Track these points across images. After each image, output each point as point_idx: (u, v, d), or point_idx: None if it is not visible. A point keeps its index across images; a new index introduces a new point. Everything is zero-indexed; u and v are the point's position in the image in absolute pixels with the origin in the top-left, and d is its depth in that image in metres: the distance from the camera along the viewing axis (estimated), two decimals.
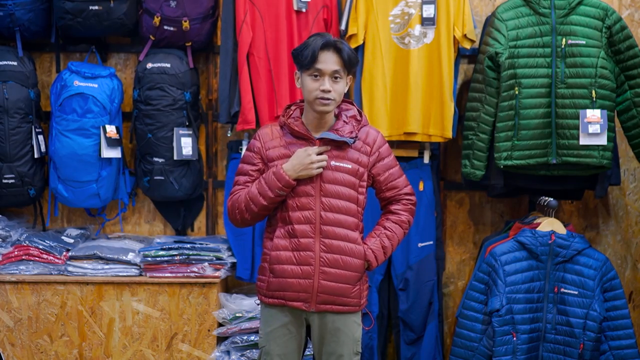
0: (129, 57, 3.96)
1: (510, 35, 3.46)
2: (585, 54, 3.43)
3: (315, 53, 2.66)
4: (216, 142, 3.98)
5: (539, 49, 3.45)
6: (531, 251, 3.38)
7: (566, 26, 3.43)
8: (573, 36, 3.42)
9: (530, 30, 3.46)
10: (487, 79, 3.50)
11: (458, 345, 3.45)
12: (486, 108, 3.52)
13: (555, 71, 3.44)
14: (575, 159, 3.46)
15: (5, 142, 3.64)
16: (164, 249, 3.62)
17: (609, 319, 3.39)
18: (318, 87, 2.67)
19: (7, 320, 3.61)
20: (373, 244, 2.80)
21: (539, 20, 3.46)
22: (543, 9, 3.45)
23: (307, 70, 2.69)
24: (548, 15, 3.44)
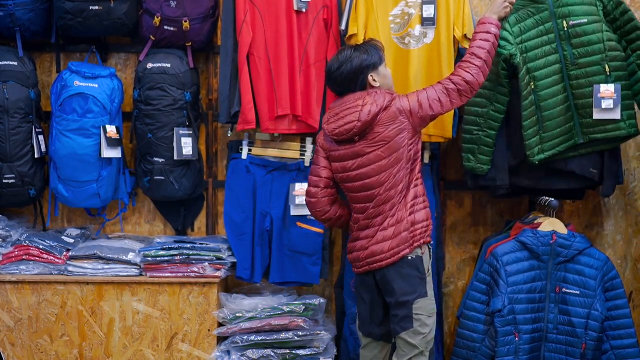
0: (129, 57, 3.96)
1: (515, 31, 3.44)
2: (589, 31, 3.40)
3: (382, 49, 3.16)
4: (216, 142, 3.98)
5: (543, 38, 3.44)
6: (533, 251, 3.38)
7: (564, 8, 3.41)
8: (573, 17, 3.41)
9: (532, 21, 3.44)
10: (499, 80, 3.46)
11: (460, 345, 3.45)
12: (496, 106, 3.49)
13: (564, 55, 3.43)
14: (603, 135, 3.47)
15: (6, 142, 3.64)
16: (164, 249, 3.62)
17: (611, 318, 3.39)
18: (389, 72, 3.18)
19: (7, 320, 3.60)
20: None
21: (537, 9, 3.44)
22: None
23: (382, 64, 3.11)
24: (544, 2, 3.43)
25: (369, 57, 3.07)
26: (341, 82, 3.09)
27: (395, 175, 3.03)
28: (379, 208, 3.05)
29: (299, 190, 3.71)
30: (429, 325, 3.05)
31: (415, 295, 3.02)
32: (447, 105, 3.07)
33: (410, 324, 3.01)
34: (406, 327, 3.02)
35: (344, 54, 3.10)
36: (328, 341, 3.67)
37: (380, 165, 3.03)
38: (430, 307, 3.07)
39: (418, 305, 3.02)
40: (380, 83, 3.09)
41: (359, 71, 3.05)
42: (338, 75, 3.08)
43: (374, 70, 3.08)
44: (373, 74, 3.07)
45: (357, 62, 3.06)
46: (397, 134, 3.02)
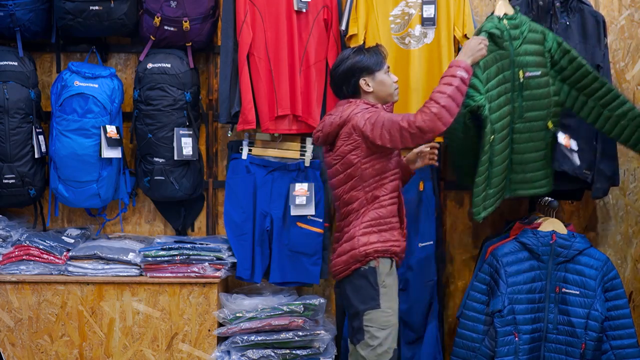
0: (129, 57, 3.96)
1: (483, 78, 3.15)
2: (542, 84, 3.30)
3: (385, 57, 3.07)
4: (216, 142, 3.98)
5: (502, 87, 3.22)
6: (533, 251, 3.38)
7: (522, 57, 3.23)
8: (530, 68, 3.25)
9: (495, 68, 3.21)
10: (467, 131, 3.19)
11: (459, 345, 3.45)
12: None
13: (514, 106, 3.27)
14: (527, 191, 3.41)
15: (6, 142, 3.64)
16: (165, 249, 3.62)
17: (610, 318, 3.39)
18: (392, 80, 3.08)
19: (7, 320, 3.61)
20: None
21: (500, 55, 3.21)
22: (504, 42, 3.20)
23: (381, 70, 3.03)
24: (507, 48, 3.20)
25: (365, 60, 3.01)
26: (336, 82, 3.07)
27: (348, 192, 2.99)
28: (341, 222, 3.07)
29: (299, 190, 3.71)
30: (378, 338, 2.94)
31: (365, 306, 2.96)
32: (396, 142, 2.87)
33: (362, 335, 2.95)
34: (359, 338, 2.97)
35: (343, 53, 3.11)
36: (328, 341, 3.67)
37: (339, 179, 3.02)
38: (383, 320, 2.96)
39: (368, 316, 2.95)
40: (374, 89, 3.03)
41: (351, 72, 3.01)
42: (334, 75, 3.08)
43: (368, 74, 3.01)
44: (367, 77, 3.01)
45: (351, 62, 3.01)
46: (350, 150, 2.94)
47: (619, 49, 3.95)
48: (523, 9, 3.63)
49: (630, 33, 3.95)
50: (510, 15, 3.14)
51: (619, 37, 3.94)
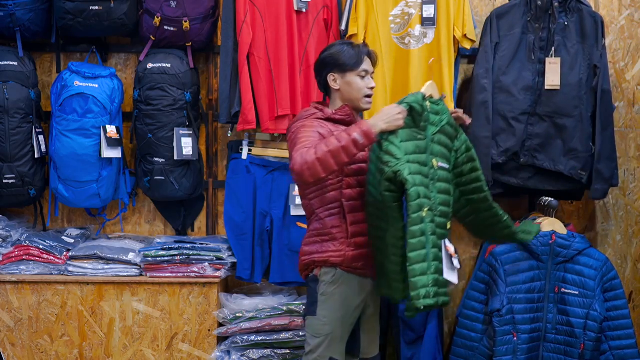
0: (129, 57, 3.96)
1: (404, 147, 2.73)
2: (449, 179, 2.91)
3: (363, 56, 2.88)
4: (216, 142, 3.98)
5: (423, 168, 2.79)
6: (532, 251, 3.38)
7: (435, 145, 2.84)
8: (441, 159, 2.87)
9: (414, 145, 2.79)
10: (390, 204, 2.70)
11: (459, 345, 3.46)
12: (391, 231, 2.75)
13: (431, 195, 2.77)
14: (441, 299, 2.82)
15: (6, 142, 3.64)
16: (165, 249, 3.63)
17: (610, 319, 3.39)
18: (366, 85, 2.89)
19: (7, 320, 3.61)
20: None
21: (419, 134, 2.80)
22: (423, 122, 2.81)
23: (354, 71, 2.87)
24: (425, 130, 2.81)
25: (341, 55, 2.86)
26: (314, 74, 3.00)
27: (302, 199, 2.96)
28: None
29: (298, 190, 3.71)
30: (310, 345, 2.88)
31: (306, 312, 2.94)
32: (291, 164, 2.69)
33: None
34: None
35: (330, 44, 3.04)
36: None
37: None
38: (317, 327, 2.86)
39: (307, 322, 2.92)
40: (341, 88, 2.88)
41: (323, 65, 2.91)
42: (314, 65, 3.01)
43: (339, 71, 2.87)
44: (336, 74, 2.87)
45: (327, 54, 2.91)
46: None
47: (619, 49, 3.95)
48: (522, 9, 3.64)
49: (630, 33, 3.95)
50: (435, 100, 2.85)
51: (619, 37, 3.94)
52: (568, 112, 3.63)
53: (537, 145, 3.66)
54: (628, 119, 3.99)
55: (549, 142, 3.65)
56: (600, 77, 3.63)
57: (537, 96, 3.65)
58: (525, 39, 3.65)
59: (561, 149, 3.65)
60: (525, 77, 3.65)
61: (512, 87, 3.64)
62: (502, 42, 3.66)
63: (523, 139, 3.66)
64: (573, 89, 3.62)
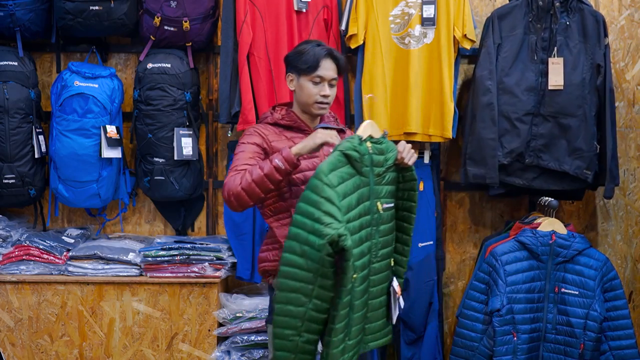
0: (129, 57, 3.97)
1: (343, 206, 2.54)
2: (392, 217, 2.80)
3: (318, 61, 2.79)
4: (216, 142, 3.98)
5: (363, 219, 2.64)
6: (532, 251, 3.39)
7: (381, 187, 2.71)
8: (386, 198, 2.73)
9: (357, 196, 2.62)
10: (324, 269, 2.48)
11: (458, 345, 3.45)
12: (315, 303, 2.54)
13: (372, 242, 2.69)
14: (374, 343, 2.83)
15: (6, 142, 3.64)
16: (165, 249, 3.63)
17: (609, 319, 3.39)
18: (318, 92, 2.81)
19: (7, 320, 3.61)
20: None
21: (361, 182, 2.63)
22: (365, 167, 2.63)
23: (307, 76, 2.81)
24: (367, 175, 2.64)
25: (298, 57, 2.81)
26: None
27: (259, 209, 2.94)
28: None
29: None
30: (271, 353, 2.77)
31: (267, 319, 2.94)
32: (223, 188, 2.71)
33: None
34: None
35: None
36: None
37: None
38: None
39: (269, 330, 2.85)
40: (295, 90, 2.85)
41: (286, 62, 2.88)
42: None
43: (295, 72, 2.83)
44: (293, 75, 2.84)
45: (289, 53, 2.89)
46: None
47: (619, 49, 3.95)
48: (523, 10, 3.64)
49: (630, 33, 3.95)
50: (376, 139, 2.68)
51: (619, 37, 3.95)
52: (572, 112, 3.63)
53: (542, 145, 3.66)
54: (628, 119, 4.00)
55: (554, 142, 3.65)
56: (606, 76, 3.64)
57: (541, 96, 3.65)
58: (527, 39, 3.65)
59: (566, 149, 3.65)
60: (528, 78, 3.65)
61: (515, 88, 3.64)
62: (504, 43, 3.66)
63: (527, 139, 3.66)
64: (576, 88, 3.62)
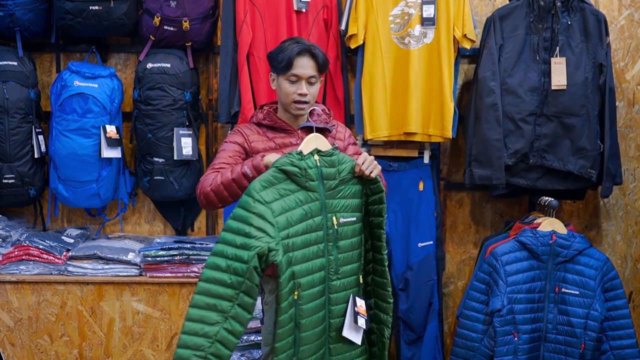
0: (129, 57, 3.96)
1: (280, 223, 2.48)
2: (356, 232, 2.67)
3: (292, 59, 2.76)
4: (216, 142, 3.98)
5: (311, 235, 2.56)
6: (532, 251, 3.38)
7: (336, 201, 2.61)
8: (344, 213, 2.63)
9: (300, 211, 2.54)
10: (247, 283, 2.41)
11: (459, 345, 3.45)
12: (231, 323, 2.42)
13: (329, 259, 2.60)
14: None
15: (6, 142, 3.64)
16: (164, 249, 3.63)
17: (610, 318, 3.39)
18: (295, 91, 2.78)
19: (7, 320, 3.61)
20: None
21: (306, 197, 2.56)
22: (310, 182, 2.56)
23: (283, 75, 2.79)
24: (316, 189, 2.57)
25: (275, 56, 2.79)
26: None
27: None
28: None
29: None
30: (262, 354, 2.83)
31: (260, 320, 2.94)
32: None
33: None
34: None
35: None
36: None
37: None
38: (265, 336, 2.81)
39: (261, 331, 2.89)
40: (276, 89, 2.84)
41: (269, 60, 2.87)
42: None
43: (274, 71, 2.82)
44: (274, 74, 2.83)
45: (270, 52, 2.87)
46: None
47: (619, 48, 3.95)
48: (524, 10, 3.64)
49: (630, 33, 3.95)
50: (325, 151, 2.60)
51: (619, 37, 3.94)
52: (575, 112, 3.63)
53: (546, 145, 3.66)
54: (628, 119, 3.99)
55: (557, 142, 3.65)
56: (607, 74, 3.64)
57: (544, 96, 3.65)
58: (529, 39, 3.65)
59: (569, 149, 3.65)
60: (531, 78, 3.65)
61: (518, 89, 3.64)
62: (506, 44, 3.66)
63: (531, 139, 3.66)
64: (579, 88, 3.62)
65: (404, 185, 3.77)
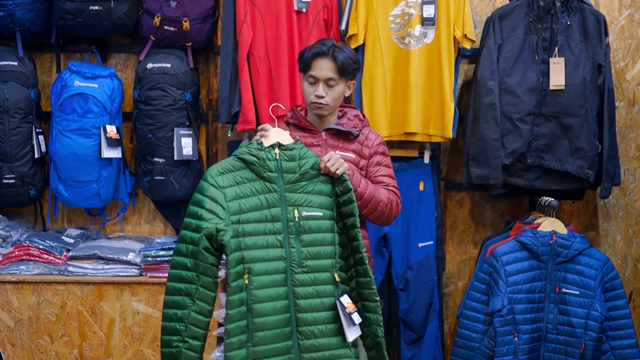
0: (129, 57, 3.96)
1: (232, 207, 2.56)
2: (323, 228, 2.65)
3: (309, 60, 2.82)
4: (216, 142, 3.98)
5: (267, 224, 2.60)
6: (532, 251, 3.38)
7: (297, 195, 2.64)
8: (307, 207, 2.64)
9: (256, 200, 2.59)
10: (202, 264, 2.52)
11: (459, 345, 3.45)
12: (199, 304, 2.53)
13: (290, 251, 2.61)
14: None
15: (6, 142, 3.64)
16: (164, 249, 3.63)
17: (610, 318, 3.39)
18: (313, 92, 2.83)
19: (7, 320, 3.61)
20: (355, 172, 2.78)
21: (262, 187, 2.61)
22: (269, 172, 2.62)
23: (304, 75, 2.86)
24: (275, 181, 2.62)
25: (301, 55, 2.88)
26: None
27: None
28: None
29: None
30: None
31: None
32: None
33: None
34: None
35: None
36: None
37: None
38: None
39: None
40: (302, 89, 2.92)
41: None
42: None
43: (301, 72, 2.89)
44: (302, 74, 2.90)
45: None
46: None
47: (619, 48, 3.95)
48: (524, 10, 3.64)
49: (630, 33, 3.95)
50: (286, 145, 2.65)
51: (619, 37, 3.95)
52: (573, 112, 3.63)
53: (544, 145, 3.66)
54: (628, 119, 4.00)
55: (555, 142, 3.65)
56: (606, 75, 3.64)
57: (542, 96, 3.65)
58: (528, 39, 3.65)
59: (567, 149, 3.65)
60: (530, 78, 3.65)
61: (516, 89, 3.64)
62: (505, 44, 3.66)
63: (529, 139, 3.66)
64: (578, 88, 3.62)
65: (404, 185, 3.77)
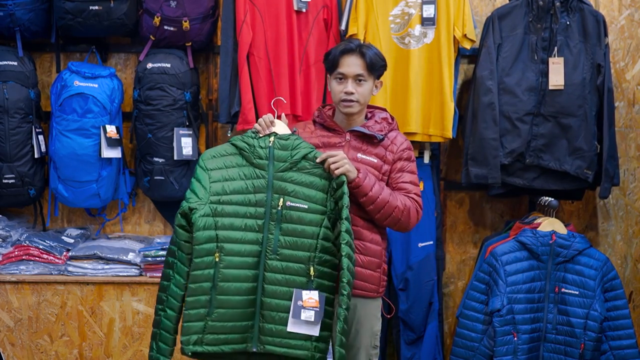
0: (129, 57, 3.96)
1: (214, 188, 2.68)
2: (306, 220, 2.68)
3: (337, 57, 2.81)
4: (216, 142, 3.98)
5: (249, 208, 2.68)
6: (532, 251, 3.38)
7: (285, 184, 2.68)
8: (293, 198, 2.68)
9: (243, 184, 2.69)
10: (179, 241, 2.68)
11: (459, 345, 3.45)
12: (176, 278, 2.68)
13: (268, 237, 2.67)
14: (281, 349, 2.69)
15: (6, 142, 3.64)
16: (164, 248, 3.62)
17: (610, 319, 3.39)
18: (342, 90, 2.80)
19: (7, 320, 3.61)
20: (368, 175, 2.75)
21: (253, 173, 2.70)
22: (259, 159, 2.70)
23: (332, 74, 2.84)
24: (264, 168, 2.69)
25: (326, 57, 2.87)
26: None
27: None
28: None
29: None
30: None
31: None
32: None
33: None
34: None
35: None
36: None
37: None
38: None
39: None
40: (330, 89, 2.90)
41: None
42: None
43: (328, 72, 2.89)
44: (329, 75, 2.89)
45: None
46: None
47: (619, 48, 3.95)
48: (523, 9, 3.64)
49: (630, 33, 3.95)
50: (283, 135, 2.73)
51: (619, 37, 3.95)
52: (572, 112, 3.63)
53: (542, 145, 3.66)
54: (628, 119, 4.00)
55: (554, 142, 3.65)
56: (605, 75, 3.64)
57: (541, 96, 3.65)
58: (528, 39, 3.65)
59: (566, 149, 3.65)
60: (529, 78, 3.65)
61: (515, 88, 3.64)
62: (505, 43, 3.66)
63: (528, 139, 3.66)
64: (577, 88, 3.62)
65: None
